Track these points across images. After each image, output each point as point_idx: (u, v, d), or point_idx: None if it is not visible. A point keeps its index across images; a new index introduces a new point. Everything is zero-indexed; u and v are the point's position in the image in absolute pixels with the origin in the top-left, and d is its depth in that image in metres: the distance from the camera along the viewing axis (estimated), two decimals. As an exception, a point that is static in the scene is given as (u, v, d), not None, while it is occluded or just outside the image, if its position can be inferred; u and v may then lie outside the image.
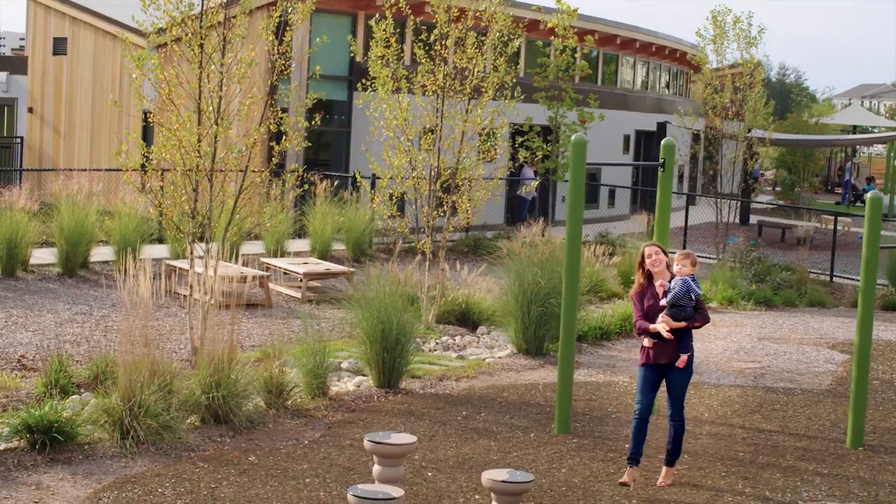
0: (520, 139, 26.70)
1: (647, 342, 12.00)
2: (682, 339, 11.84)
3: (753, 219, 45.62)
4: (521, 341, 18.48)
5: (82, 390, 14.09)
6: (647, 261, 12.03)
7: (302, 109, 22.05)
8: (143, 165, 16.30)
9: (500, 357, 18.36)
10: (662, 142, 15.57)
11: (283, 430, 13.52)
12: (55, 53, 38.03)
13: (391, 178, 20.19)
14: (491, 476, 10.66)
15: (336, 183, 29.41)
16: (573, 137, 13.91)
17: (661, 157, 15.30)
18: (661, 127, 46.41)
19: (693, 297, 11.82)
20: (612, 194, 45.77)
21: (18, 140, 38.76)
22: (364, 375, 16.34)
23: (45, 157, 37.02)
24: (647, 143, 48.96)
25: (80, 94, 36.84)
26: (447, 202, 20.22)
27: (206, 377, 13.35)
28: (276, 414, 14.05)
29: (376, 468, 11.11)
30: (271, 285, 22.14)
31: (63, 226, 22.91)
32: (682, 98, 55.66)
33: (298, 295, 22.58)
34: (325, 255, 27.06)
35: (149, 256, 20.04)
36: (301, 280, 22.83)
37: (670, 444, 12.09)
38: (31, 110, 38.42)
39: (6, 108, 41.63)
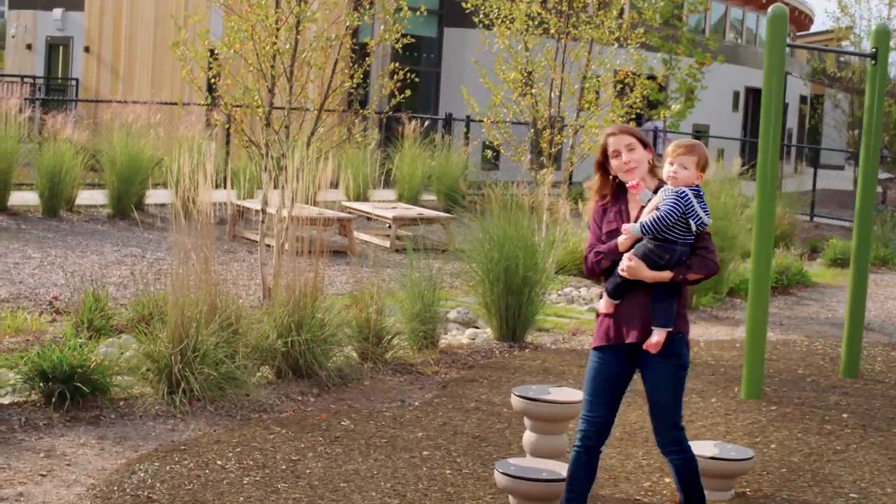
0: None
1: (602, 304, 6.89)
2: (658, 302, 6.69)
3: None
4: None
5: (122, 336, 10.91)
6: (613, 161, 6.84)
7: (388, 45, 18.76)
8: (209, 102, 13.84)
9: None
10: (875, 28, 12.04)
11: (383, 389, 10.29)
12: (114, -13, 34.88)
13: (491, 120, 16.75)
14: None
15: (427, 124, 26.09)
16: (771, 9, 10.51)
17: (873, 47, 11.79)
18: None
19: (692, 227, 6.70)
20: (720, 153, 42.31)
21: (73, 82, 35.82)
22: (476, 328, 13.11)
23: (99, 104, 34.05)
24: (755, 102, 45.30)
25: (140, 30, 33.68)
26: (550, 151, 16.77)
27: (283, 316, 10.11)
28: (374, 368, 10.81)
29: (530, 436, 7.78)
30: (355, 233, 18.90)
31: (115, 159, 19.72)
32: (789, 57, 51.90)
33: (386, 243, 19.32)
34: (413, 204, 23.76)
35: (214, 200, 16.81)
36: (389, 226, 19.58)
37: (680, 493, 6.97)
38: (87, 49, 35.37)
39: (61, 47, 38.59)
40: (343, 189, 23.17)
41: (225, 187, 20.29)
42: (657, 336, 6.64)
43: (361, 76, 13.31)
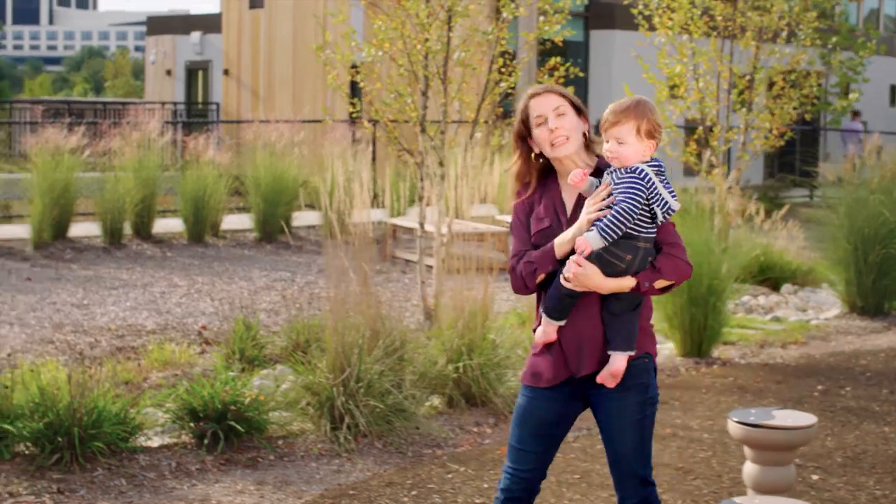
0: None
1: (540, 331, 5.21)
2: (616, 316, 5.09)
3: None
4: (855, 297, 13.89)
5: (277, 365, 10.06)
6: (537, 131, 5.25)
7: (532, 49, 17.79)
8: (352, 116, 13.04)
9: (826, 318, 13.85)
10: None
11: (564, 416, 9.25)
12: (251, 7, 34.35)
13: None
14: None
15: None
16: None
17: None
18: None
19: (658, 215, 5.04)
20: (879, 151, 40.59)
21: (214, 106, 35.44)
22: (655, 343, 12.01)
23: (240, 125, 33.65)
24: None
25: (279, 50, 33.14)
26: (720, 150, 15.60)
27: (452, 339, 9.15)
28: (552, 393, 9.78)
29: (752, 468, 6.68)
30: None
31: (260, 181, 19.00)
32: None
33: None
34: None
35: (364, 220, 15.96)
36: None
37: None
38: (226, 72, 34.97)
39: (200, 71, 38.33)
40: (492, 202, 22.23)
41: (375, 205, 19.46)
42: (618, 363, 5.02)
43: (518, 75, 12.34)
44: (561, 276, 5.04)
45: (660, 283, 5.06)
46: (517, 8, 11.99)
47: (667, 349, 11.61)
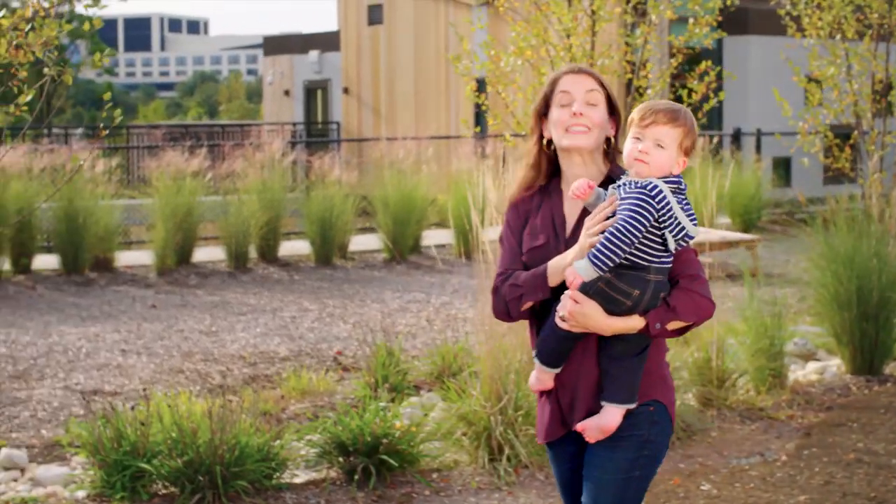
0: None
1: (533, 376, 4.43)
2: (616, 361, 4.24)
3: None
4: None
5: (422, 391, 9.47)
6: (557, 109, 4.41)
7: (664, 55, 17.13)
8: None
9: None
10: None
11: (734, 440, 8.65)
12: (370, 23, 34.16)
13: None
14: None
15: (716, 141, 24.34)
16: None
17: None
18: None
19: (670, 243, 4.20)
20: None
21: (334, 126, 35.18)
22: (817, 360, 11.29)
23: (364, 143, 33.44)
24: None
25: (400, 66, 32.88)
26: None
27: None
28: (717, 415, 9.11)
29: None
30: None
31: (387, 200, 18.50)
32: None
33: (687, 271, 17.54)
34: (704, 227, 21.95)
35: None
36: (690, 253, 17.83)
37: None
38: (346, 90, 34.68)
39: (319, 90, 38.10)
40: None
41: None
42: (609, 417, 4.18)
43: (667, 81, 11.70)
44: (555, 314, 4.18)
45: (674, 325, 4.20)
46: (665, 10, 11.35)
47: (834, 366, 10.84)
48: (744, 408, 9.33)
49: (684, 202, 4.15)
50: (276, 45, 41.11)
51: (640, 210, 4.06)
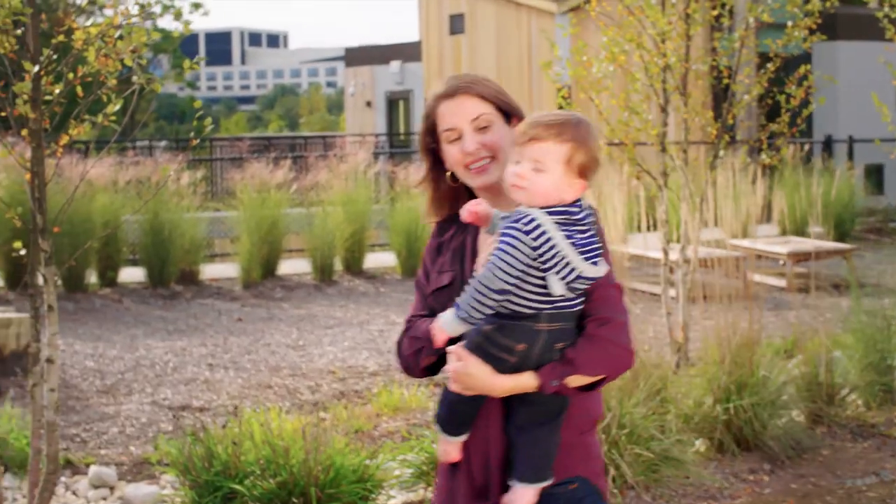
0: None
1: (439, 450, 3.68)
2: (522, 432, 3.51)
3: None
4: None
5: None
6: (448, 148, 3.71)
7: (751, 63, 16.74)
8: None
9: None
10: None
11: (847, 459, 8.31)
12: (452, 33, 34.00)
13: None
14: None
15: (808, 148, 23.90)
16: None
17: None
18: None
19: (555, 288, 3.37)
20: None
21: (417, 137, 35.14)
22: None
23: (449, 156, 33.50)
24: None
25: (482, 75, 32.56)
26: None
27: (719, 377, 8.16)
28: (827, 433, 8.76)
29: None
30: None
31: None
32: None
33: (781, 283, 17.18)
34: (797, 237, 21.52)
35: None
36: (783, 263, 17.48)
37: None
38: (428, 101, 34.77)
39: (401, 101, 38.06)
40: (722, 225, 21.13)
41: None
42: (520, 497, 3.48)
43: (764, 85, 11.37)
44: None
45: (575, 382, 3.45)
46: (763, 13, 11.02)
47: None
48: (854, 424, 8.98)
49: (581, 235, 3.40)
50: (358, 56, 41.10)
51: (509, 250, 3.33)
